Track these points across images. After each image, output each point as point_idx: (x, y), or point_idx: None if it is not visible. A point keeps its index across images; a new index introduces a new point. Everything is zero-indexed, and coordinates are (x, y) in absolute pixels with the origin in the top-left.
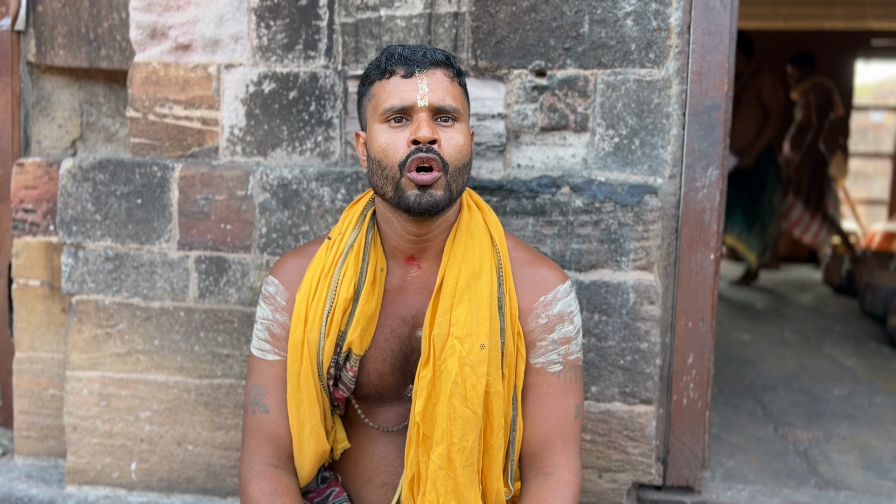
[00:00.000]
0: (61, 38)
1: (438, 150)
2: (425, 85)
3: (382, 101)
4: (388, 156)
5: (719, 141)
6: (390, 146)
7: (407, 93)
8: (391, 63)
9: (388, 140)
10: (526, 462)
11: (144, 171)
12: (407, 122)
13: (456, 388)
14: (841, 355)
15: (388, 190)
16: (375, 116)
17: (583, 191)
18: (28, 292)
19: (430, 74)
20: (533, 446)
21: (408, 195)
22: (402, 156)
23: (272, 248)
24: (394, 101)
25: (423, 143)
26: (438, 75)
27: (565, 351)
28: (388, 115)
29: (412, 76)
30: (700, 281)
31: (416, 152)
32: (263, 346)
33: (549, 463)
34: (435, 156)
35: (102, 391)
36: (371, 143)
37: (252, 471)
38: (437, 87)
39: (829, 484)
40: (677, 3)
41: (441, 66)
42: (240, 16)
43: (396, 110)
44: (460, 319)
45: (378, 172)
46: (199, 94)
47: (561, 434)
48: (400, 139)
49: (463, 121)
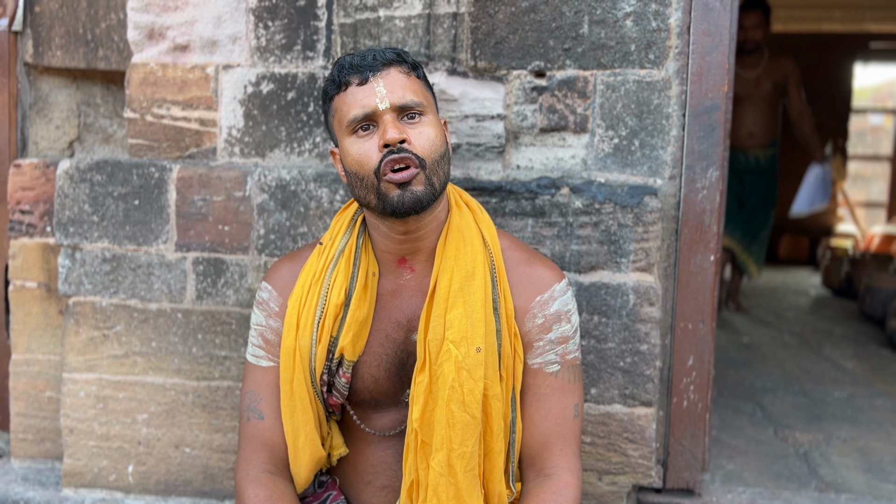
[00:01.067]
0: (59, 39)
1: (410, 147)
2: (382, 87)
3: (345, 113)
4: (362, 165)
5: (719, 142)
6: (363, 155)
7: (366, 99)
8: (343, 74)
9: (360, 150)
10: (526, 464)
11: (142, 172)
12: (374, 128)
13: (454, 393)
14: (841, 358)
15: (371, 199)
16: (343, 130)
17: (582, 192)
18: (25, 294)
19: (385, 75)
20: (532, 447)
21: (390, 197)
22: (376, 162)
23: (270, 250)
24: (355, 111)
25: (392, 144)
26: (393, 74)
27: (563, 350)
28: (354, 125)
29: (367, 82)
30: (700, 282)
31: (387, 155)
32: (258, 353)
33: (548, 464)
34: (408, 154)
35: (99, 393)
36: (345, 157)
37: (248, 477)
38: (394, 86)
39: (830, 486)
40: (677, 3)
41: (394, 65)
42: (238, 16)
43: (360, 119)
44: (455, 323)
45: (357, 184)
46: (197, 95)
47: (560, 435)
48: (370, 146)
49: (430, 112)
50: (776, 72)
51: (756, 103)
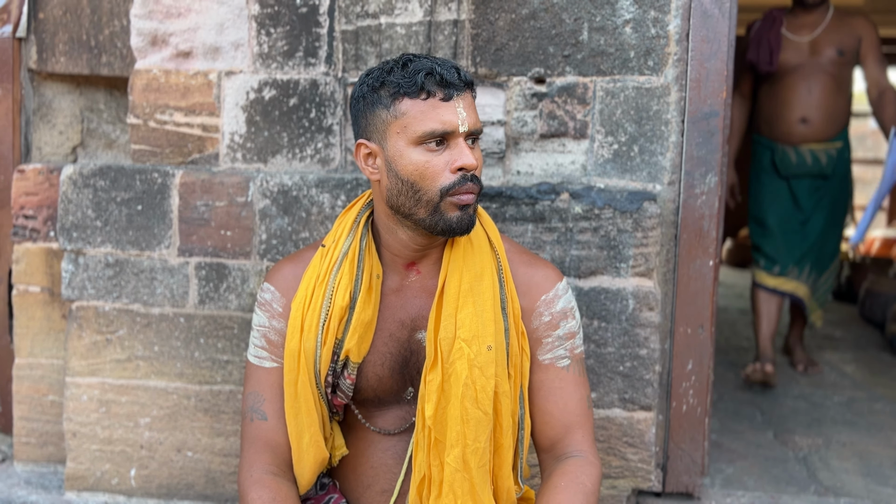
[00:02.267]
0: (62, 45)
1: (477, 174)
2: (462, 109)
3: (419, 122)
4: (426, 180)
5: (718, 148)
6: (430, 170)
7: (448, 116)
8: (429, 83)
9: (428, 164)
10: (546, 455)
11: (145, 177)
12: (443, 145)
13: (467, 391)
14: (840, 361)
15: (421, 213)
16: (405, 135)
17: (582, 197)
18: (28, 298)
19: (465, 97)
20: (552, 438)
21: (449, 217)
22: (447, 182)
23: (272, 255)
24: (434, 125)
25: (469, 170)
26: (468, 97)
27: (571, 346)
28: (427, 138)
29: (451, 99)
30: (699, 287)
31: (462, 181)
32: (260, 354)
33: (572, 448)
34: (479, 183)
35: (102, 397)
36: (399, 163)
37: (251, 479)
38: (470, 110)
39: (829, 491)
40: (676, 10)
41: (469, 88)
42: (240, 23)
43: (438, 135)
44: (466, 322)
45: (409, 195)
46: (200, 101)
47: (580, 423)
48: (440, 163)
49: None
50: (844, 34)
51: (812, 77)
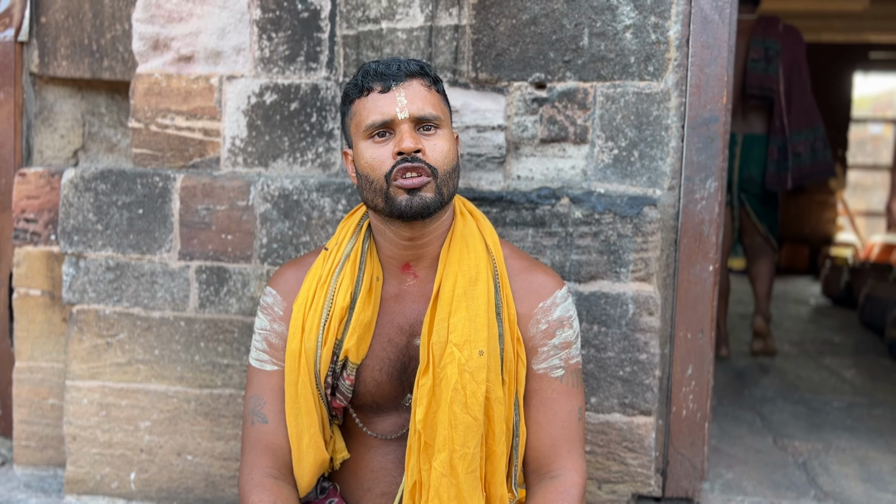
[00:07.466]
0: (64, 49)
1: (424, 157)
2: (403, 97)
3: (364, 118)
4: (374, 169)
5: (718, 153)
6: (376, 160)
7: (386, 107)
8: (367, 80)
9: (374, 155)
10: (532, 468)
11: (146, 181)
12: (390, 135)
13: (456, 395)
14: (840, 367)
15: (379, 202)
16: (359, 133)
17: (582, 202)
18: (29, 302)
19: (407, 86)
20: (539, 451)
21: (399, 201)
22: (388, 167)
23: (273, 259)
24: (374, 116)
25: (407, 153)
26: (415, 86)
27: (566, 355)
28: (371, 130)
29: (389, 90)
30: (699, 292)
31: (401, 162)
32: (262, 357)
33: (555, 466)
34: (421, 164)
35: (102, 401)
36: (358, 160)
37: (252, 482)
38: (415, 97)
39: (829, 496)
40: (676, 16)
41: (417, 77)
42: (242, 28)
43: (378, 125)
44: (458, 326)
45: (367, 187)
46: (201, 105)
47: (566, 437)
48: (385, 152)
49: (445, 126)
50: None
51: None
